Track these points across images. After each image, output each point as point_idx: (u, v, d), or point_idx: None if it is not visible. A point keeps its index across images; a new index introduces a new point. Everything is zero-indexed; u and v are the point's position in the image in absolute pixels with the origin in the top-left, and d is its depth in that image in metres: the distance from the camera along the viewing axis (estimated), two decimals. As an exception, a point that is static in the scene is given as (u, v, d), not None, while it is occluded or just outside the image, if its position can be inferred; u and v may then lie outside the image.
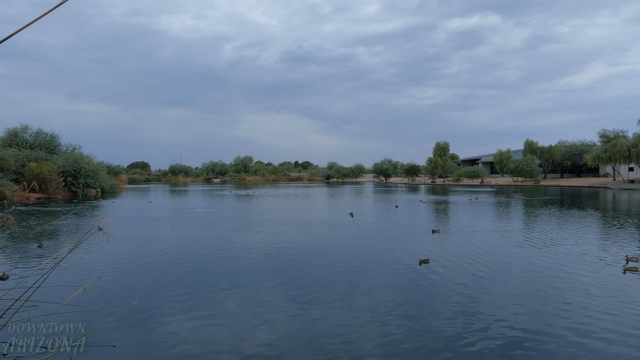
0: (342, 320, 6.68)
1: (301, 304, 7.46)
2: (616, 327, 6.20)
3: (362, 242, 14.15)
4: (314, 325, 6.46)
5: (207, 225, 18.78)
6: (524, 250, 12.17)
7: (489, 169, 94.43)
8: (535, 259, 10.91)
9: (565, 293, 7.93)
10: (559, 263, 10.41)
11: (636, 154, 52.83)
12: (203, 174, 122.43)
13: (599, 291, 8.02)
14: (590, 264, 10.23)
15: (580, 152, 72.84)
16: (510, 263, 10.60)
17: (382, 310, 7.11)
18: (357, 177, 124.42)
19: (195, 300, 7.71)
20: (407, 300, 7.62)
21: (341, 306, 7.33)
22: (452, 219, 21.06)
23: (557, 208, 26.40)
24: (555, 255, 11.41)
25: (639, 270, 9.24)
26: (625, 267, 9.53)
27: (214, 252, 12.28)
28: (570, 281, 8.75)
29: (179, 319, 6.76)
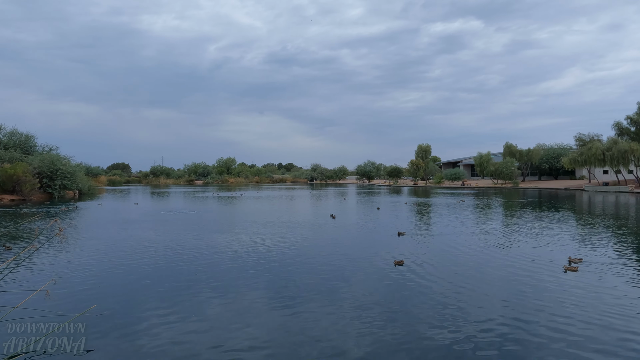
0: (323, 321, 6.65)
1: (282, 306, 7.41)
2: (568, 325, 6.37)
3: (342, 243, 14.16)
4: (296, 327, 6.42)
5: (188, 227, 18.53)
6: (497, 252, 12.35)
7: (469, 171, 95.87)
8: (506, 261, 11.07)
9: (530, 291, 8.09)
10: (521, 264, 10.59)
11: (610, 157, 54.34)
12: (185, 176, 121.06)
13: (568, 291, 8.21)
14: (553, 265, 10.46)
15: (558, 155, 74.53)
16: (483, 264, 10.74)
17: (362, 311, 7.11)
18: (341, 179, 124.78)
19: (172, 303, 7.58)
20: (385, 301, 7.65)
21: (322, 308, 7.30)
22: (430, 221, 21.27)
23: (535, 210, 26.95)
24: (520, 256, 11.59)
25: (579, 270, 9.61)
26: (565, 267, 9.85)
27: (194, 254, 12.12)
28: (535, 281, 8.92)
29: (156, 322, 6.63)
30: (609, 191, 51.72)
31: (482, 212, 25.99)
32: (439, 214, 24.41)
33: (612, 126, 64.04)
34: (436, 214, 24.53)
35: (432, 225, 19.54)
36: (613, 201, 35.85)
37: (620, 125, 63.27)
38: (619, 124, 63.50)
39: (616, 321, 6.55)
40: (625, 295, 7.95)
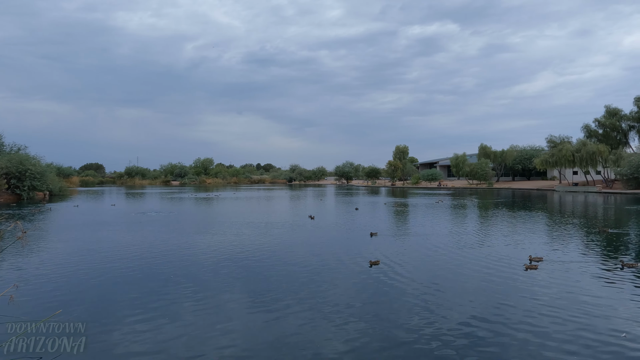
0: (302, 324, 6.65)
1: (260, 309, 7.37)
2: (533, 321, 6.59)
3: (320, 244, 14.19)
4: (274, 330, 6.40)
5: (163, 229, 18.21)
6: (469, 252, 12.62)
7: (446, 172, 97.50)
8: (477, 260, 11.32)
9: (494, 288, 8.32)
10: (490, 263, 10.87)
11: (579, 158, 56.23)
12: (161, 177, 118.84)
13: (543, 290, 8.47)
14: (520, 263, 10.77)
15: (530, 156, 76.58)
16: (456, 263, 10.95)
17: (340, 311, 7.15)
18: (319, 180, 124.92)
19: (146, 307, 7.43)
20: (362, 302, 7.71)
21: (300, 310, 7.30)
22: (407, 221, 21.55)
23: (508, 210, 27.64)
24: (490, 256, 11.90)
25: (538, 269, 9.95)
26: (526, 266, 10.19)
27: (170, 256, 11.92)
28: (501, 279, 9.17)
29: (127, 328, 6.49)
30: (578, 191, 53.50)
31: (458, 212, 26.49)
32: (416, 215, 24.74)
33: (581, 128, 66.52)
34: (414, 215, 24.86)
35: (409, 225, 19.80)
36: (582, 201, 37.11)
37: (588, 128, 65.64)
38: (587, 126, 65.88)
39: (569, 316, 6.80)
40: (580, 292, 8.24)
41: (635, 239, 15.03)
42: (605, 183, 57.71)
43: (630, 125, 63.37)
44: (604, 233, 15.89)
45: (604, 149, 55.15)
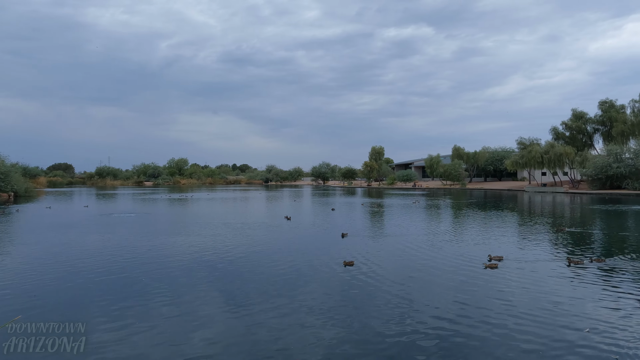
0: (277, 324, 6.62)
1: (236, 311, 7.29)
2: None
3: (295, 245, 14.18)
4: (250, 333, 6.34)
5: (135, 230, 17.80)
6: (439, 251, 12.86)
7: (420, 172, 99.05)
8: (446, 260, 11.57)
9: (459, 287, 8.54)
10: (457, 262, 11.15)
11: (548, 160, 58.19)
12: (134, 177, 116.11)
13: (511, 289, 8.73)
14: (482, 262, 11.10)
15: (501, 157, 78.69)
16: (426, 263, 11.14)
17: (315, 313, 7.15)
18: (296, 181, 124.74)
19: (115, 312, 7.23)
20: (338, 302, 7.74)
21: (276, 311, 7.27)
22: (383, 221, 21.80)
23: (480, 210, 28.34)
24: (458, 255, 12.19)
25: (498, 267, 10.25)
26: (485, 265, 10.47)
27: (142, 259, 11.65)
28: (466, 278, 9.42)
29: (93, 335, 6.32)
30: (546, 192, 55.34)
31: (432, 212, 26.97)
32: (391, 215, 25.04)
33: (550, 131, 68.97)
34: (389, 215, 25.14)
35: (384, 225, 20.03)
36: (549, 201, 38.41)
37: (556, 130, 68.08)
38: (555, 129, 68.32)
39: (527, 313, 7.05)
40: (535, 289, 8.52)
41: (588, 236, 15.73)
42: (571, 184, 59.90)
43: (595, 128, 66.07)
44: (561, 232, 16.55)
45: (571, 151, 57.28)
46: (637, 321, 6.63)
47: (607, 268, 10.27)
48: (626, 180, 49.09)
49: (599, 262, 10.80)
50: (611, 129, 60.61)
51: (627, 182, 48.95)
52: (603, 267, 10.38)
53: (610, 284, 8.86)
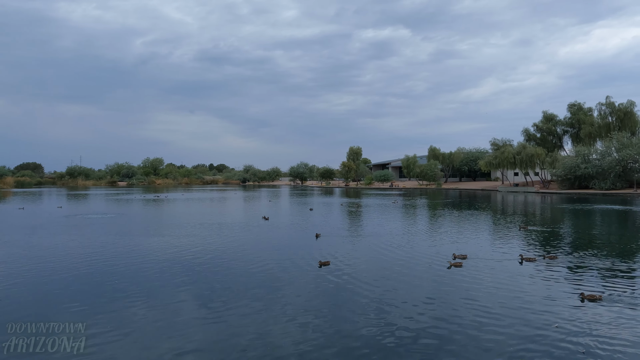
0: (253, 325, 6.62)
1: (212, 312, 7.25)
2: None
3: (272, 245, 14.16)
4: (227, 334, 6.32)
5: (109, 231, 17.38)
6: (411, 251, 13.11)
7: (397, 173, 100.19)
8: (419, 259, 11.80)
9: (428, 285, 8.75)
10: (426, 261, 11.40)
11: (520, 160, 59.88)
12: (107, 177, 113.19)
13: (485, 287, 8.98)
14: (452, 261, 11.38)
15: (476, 158, 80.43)
16: (399, 262, 11.34)
17: (292, 314, 7.18)
18: (274, 181, 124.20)
19: (87, 315, 7.08)
20: (313, 303, 7.79)
21: (252, 311, 7.26)
22: (360, 221, 21.98)
23: (455, 210, 28.92)
24: (430, 255, 12.45)
25: (463, 266, 10.50)
26: (450, 263, 10.76)
27: (115, 260, 11.41)
28: (436, 276, 9.65)
29: (63, 340, 6.16)
30: (518, 191, 56.90)
31: (408, 212, 27.35)
32: (368, 215, 25.27)
33: (522, 132, 70.92)
34: (366, 215, 25.36)
35: (361, 225, 20.20)
36: (521, 201, 39.52)
37: (528, 132, 70.08)
38: (527, 130, 70.31)
39: (500, 311, 7.29)
40: (495, 287, 8.81)
41: (548, 234, 16.29)
42: (542, 184, 61.77)
43: (564, 130, 68.32)
44: (523, 230, 17.13)
45: (541, 152, 59.12)
46: (593, 314, 6.94)
47: (559, 265, 10.72)
48: (593, 181, 50.96)
49: (551, 259, 11.29)
50: (579, 131, 62.79)
51: (594, 182, 50.82)
52: (555, 263, 10.85)
53: (565, 280, 9.23)
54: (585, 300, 7.61)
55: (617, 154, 50.31)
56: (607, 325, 6.47)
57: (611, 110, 60.09)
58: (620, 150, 49.93)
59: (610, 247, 13.50)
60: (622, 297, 7.93)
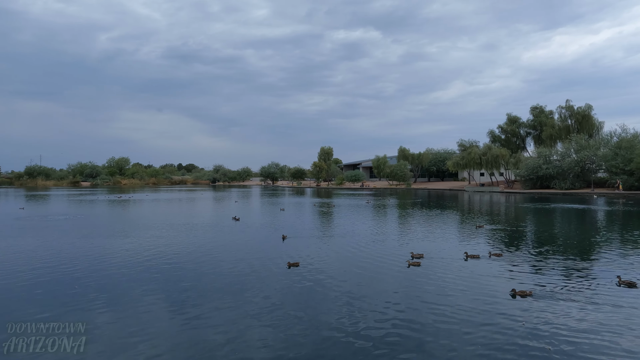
0: (223, 327, 6.49)
1: (181, 315, 7.04)
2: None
3: (242, 246, 13.94)
4: (197, 337, 6.16)
5: (71, 233, 16.65)
6: (376, 250, 13.24)
7: (368, 173, 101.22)
8: (385, 258, 11.92)
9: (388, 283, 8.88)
10: (390, 260, 11.58)
11: (485, 161, 61.72)
12: (69, 177, 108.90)
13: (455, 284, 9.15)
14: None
15: (444, 158, 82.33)
16: (366, 262, 11.42)
17: (264, 314, 7.08)
18: (245, 181, 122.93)
19: (49, 319, 6.72)
20: (286, 303, 7.71)
21: (222, 313, 7.11)
22: (331, 222, 22.01)
23: (423, 209, 29.46)
24: (394, 254, 12.64)
25: (421, 265, 10.72)
26: (409, 262, 10.95)
27: (77, 264, 10.91)
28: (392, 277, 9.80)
29: (34, 341, 5.84)
30: (484, 191, 58.60)
31: (378, 212, 27.61)
32: (339, 215, 25.34)
33: (487, 134, 73.18)
34: (337, 215, 25.43)
35: (332, 226, 20.23)
36: (487, 200, 40.71)
37: (493, 134, 72.36)
38: (492, 132, 72.61)
39: (463, 310, 7.47)
40: (445, 285, 9.05)
41: (501, 233, 16.86)
42: (506, 184, 63.87)
43: (527, 132, 70.95)
44: (479, 229, 17.76)
45: (506, 153, 61.16)
46: (537, 308, 7.19)
47: (502, 262, 11.14)
48: (554, 181, 53.11)
49: (497, 256, 11.73)
50: (541, 133, 65.35)
51: (554, 182, 52.96)
52: (499, 260, 11.27)
53: (503, 276, 9.57)
54: (517, 297, 7.92)
55: (575, 155, 52.62)
56: (537, 319, 6.78)
57: (570, 114, 62.89)
58: (579, 152, 52.25)
59: (558, 244, 14.07)
60: (552, 292, 8.28)
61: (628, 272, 9.79)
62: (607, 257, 11.81)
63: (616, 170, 47.20)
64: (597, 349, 5.69)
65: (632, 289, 8.48)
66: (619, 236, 15.98)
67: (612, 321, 6.70)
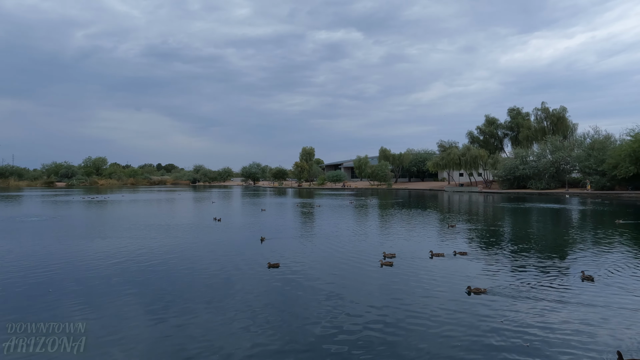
0: (203, 329, 6.38)
1: (161, 317, 6.91)
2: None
3: (223, 247, 13.79)
4: (178, 338, 6.06)
5: (46, 235, 16.16)
6: (355, 251, 13.31)
7: (350, 173, 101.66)
8: (361, 258, 11.96)
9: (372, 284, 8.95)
10: (369, 260, 11.68)
11: (465, 161, 62.82)
12: (43, 177, 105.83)
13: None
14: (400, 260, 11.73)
15: (424, 159, 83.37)
16: (344, 262, 11.47)
17: (244, 316, 7.00)
18: (225, 181, 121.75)
19: (21, 323, 6.50)
20: (266, 305, 7.65)
21: (203, 316, 6.99)
22: (310, 222, 22.01)
23: (403, 209, 29.74)
24: (374, 254, 12.75)
25: (393, 265, 10.83)
26: (381, 262, 11.06)
27: (51, 266, 10.59)
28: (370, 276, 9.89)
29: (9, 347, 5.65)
30: (463, 191, 59.59)
31: (359, 212, 27.74)
32: (320, 215, 25.34)
33: (466, 135, 74.54)
34: (319, 215, 25.43)
35: (313, 226, 20.22)
36: (466, 200, 41.39)
37: (472, 135, 73.72)
38: (471, 133, 73.96)
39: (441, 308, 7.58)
40: (415, 284, 9.14)
41: (471, 232, 17.20)
42: (485, 184, 65.11)
43: (504, 133, 72.53)
44: (451, 228, 18.17)
45: (484, 154, 62.37)
46: (475, 305, 7.35)
47: (468, 259, 11.42)
48: (530, 181, 54.39)
49: (462, 254, 12.00)
50: (518, 134, 66.90)
51: (531, 182, 54.25)
52: (464, 259, 11.53)
53: (464, 274, 9.74)
54: (472, 294, 8.13)
55: (551, 156, 54.04)
56: (488, 316, 6.91)
57: (546, 115, 64.60)
58: (554, 153, 53.67)
59: (524, 243, 14.43)
60: (507, 289, 8.49)
61: (591, 269, 10.10)
62: (571, 254, 12.28)
63: (589, 171, 48.63)
64: (550, 346, 5.83)
65: (591, 283, 8.87)
66: (583, 234, 16.57)
67: (573, 316, 6.90)
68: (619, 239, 14.97)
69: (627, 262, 10.99)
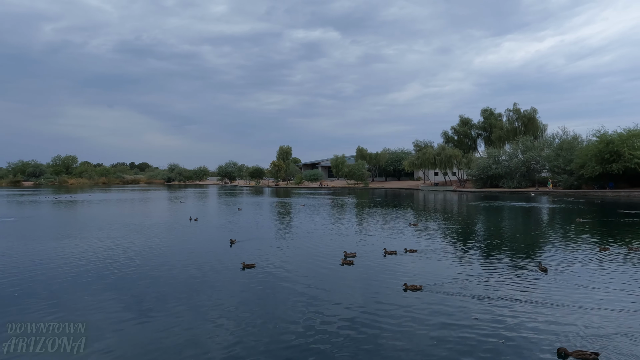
0: (182, 331, 6.28)
1: (136, 320, 6.77)
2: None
3: (197, 247, 13.58)
4: (154, 340, 5.95)
5: (13, 236, 15.53)
6: (329, 250, 13.38)
7: (327, 172, 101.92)
8: (326, 258, 12.05)
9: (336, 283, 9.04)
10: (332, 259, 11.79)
11: (439, 161, 63.92)
12: (9, 176, 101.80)
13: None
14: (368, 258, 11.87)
15: (400, 158, 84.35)
16: (319, 263, 11.52)
17: (220, 316, 6.93)
18: (201, 180, 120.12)
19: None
20: (242, 305, 7.58)
21: (180, 316, 6.87)
22: (287, 222, 21.96)
23: (379, 208, 30.02)
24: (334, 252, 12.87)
25: (354, 264, 10.97)
26: (342, 261, 11.21)
27: (18, 268, 10.18)
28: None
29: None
30: (438, 190, 60.63)
31: (336, 211, 27.83)
32: (297, 215, 25.30)
33: (441, 135, 75.81)
34: (295, 215, 25.38)
35: (289, 226, 20.18)
36: (440, 198, 42.13)
37: (447, 134, 75.07)
38: (446, 133, 75.28)
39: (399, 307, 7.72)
40: (370, 282, 9.27)
41: (431, 230, 17.52)
42: (459, 182, 66.43)
43: (478, 133, 74.19)
44: (414, 227, 18.59)
45: (459, 153, 63.63)
46: (412, 300, 7.55)
47: (417, 257, 11.76)
48: (502, 180, 55.81)
49: (412, 252, 12.38)
50: (491, 134, 68.55)
51: (503, 181, 55.67)
52: (413, 256, 11.84)
53: (407, 272, 9.94)
54: (408, 290, 8.37)
55: (522, 155, 55.60)
56: (425, 310, 7.17)
57: (517, 116, 66.45)
58: (525, 153, 55.24)
59: (483, 240, 14.86)
60: (443, 286, 8.72)
61: (544, 260, 10.61)
62: (527, 251, 12.77)
63: (558, 170, 50.26)
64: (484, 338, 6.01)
65: (545, 274, 9.43)
66: (544, 231, 17.09)
67: (520, 310, 7.13)
68: (575, 236, 15.51)
69: (582, 256, 11.56)
